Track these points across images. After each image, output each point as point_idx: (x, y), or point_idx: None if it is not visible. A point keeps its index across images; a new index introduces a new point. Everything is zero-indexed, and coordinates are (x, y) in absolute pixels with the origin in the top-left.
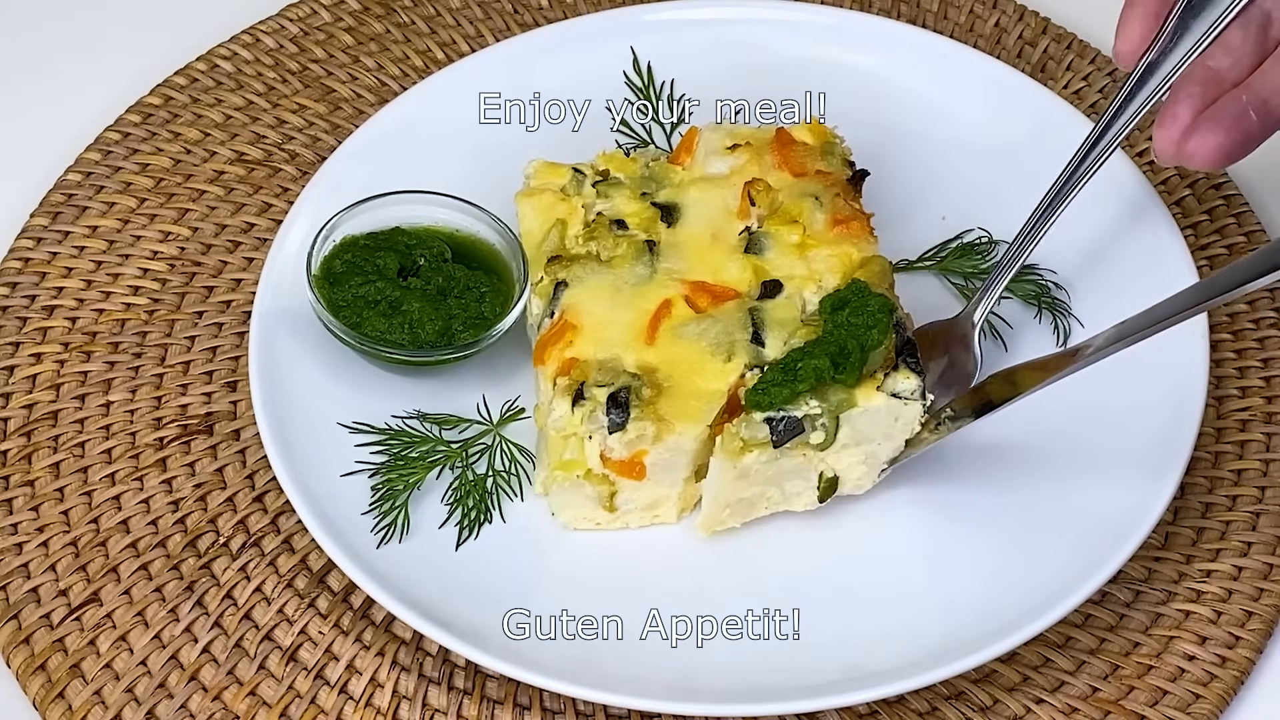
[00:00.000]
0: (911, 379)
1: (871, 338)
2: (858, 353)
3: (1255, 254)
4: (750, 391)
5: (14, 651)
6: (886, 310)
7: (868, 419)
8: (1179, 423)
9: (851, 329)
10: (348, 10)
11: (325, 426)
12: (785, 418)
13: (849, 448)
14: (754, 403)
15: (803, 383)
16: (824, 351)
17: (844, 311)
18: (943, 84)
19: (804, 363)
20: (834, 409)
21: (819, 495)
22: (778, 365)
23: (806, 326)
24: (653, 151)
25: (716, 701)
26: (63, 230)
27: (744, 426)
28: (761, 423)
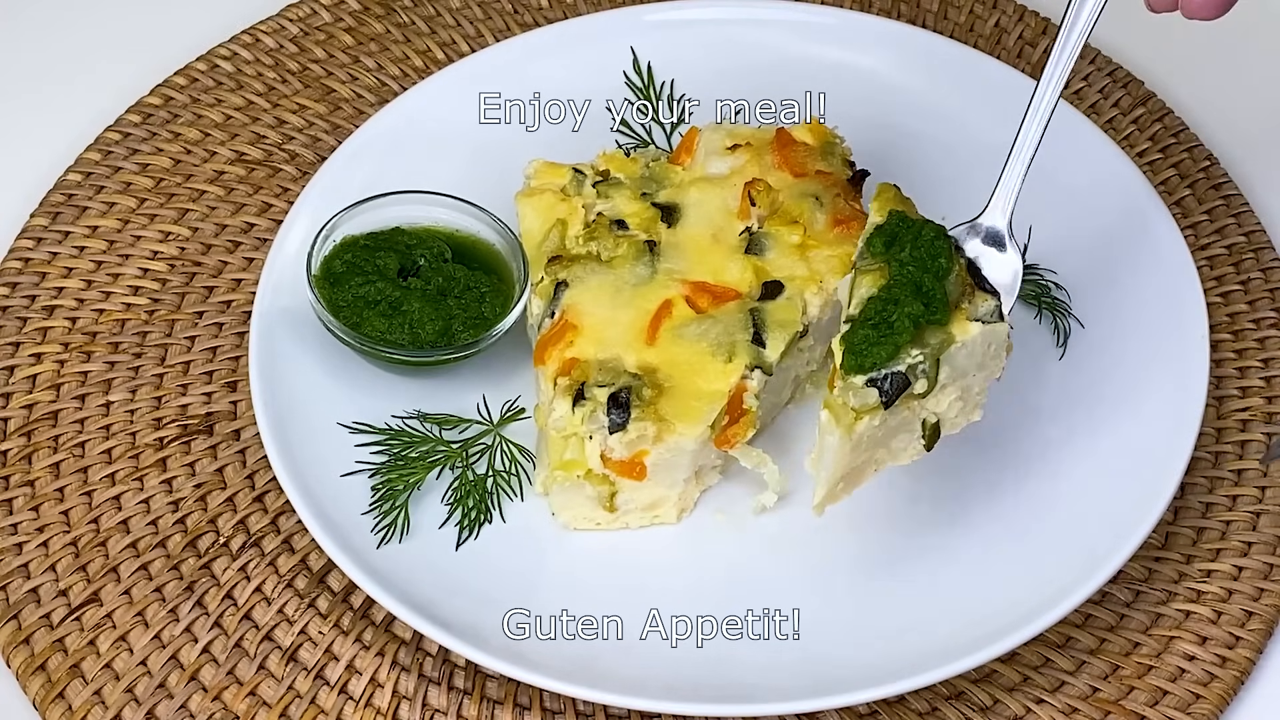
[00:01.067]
0: (989, 299)
1: (941, 267)
2: (939, 287)
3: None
4: (847, 355)
5: (14, 651)
6: (943, 235)
7: (965, 353)
8: (1179, 423)
9: (919, 263)
10: (348, 10)
11: (325, 426)
12: (889, 375)
13: (946, 387)
14: (855, 366)
15: (902, 334)
16: (907, 294)
17: (901, 248)
18: (943, 84)
19: (896, 313)
20: (935, 352)
21: (925, 444)
22: (864, 322)
23: (868, 272)
24: (653, 151)
25: (717, 701)
26: (63, 230)
27: (851, 394)
28: (865, 386)
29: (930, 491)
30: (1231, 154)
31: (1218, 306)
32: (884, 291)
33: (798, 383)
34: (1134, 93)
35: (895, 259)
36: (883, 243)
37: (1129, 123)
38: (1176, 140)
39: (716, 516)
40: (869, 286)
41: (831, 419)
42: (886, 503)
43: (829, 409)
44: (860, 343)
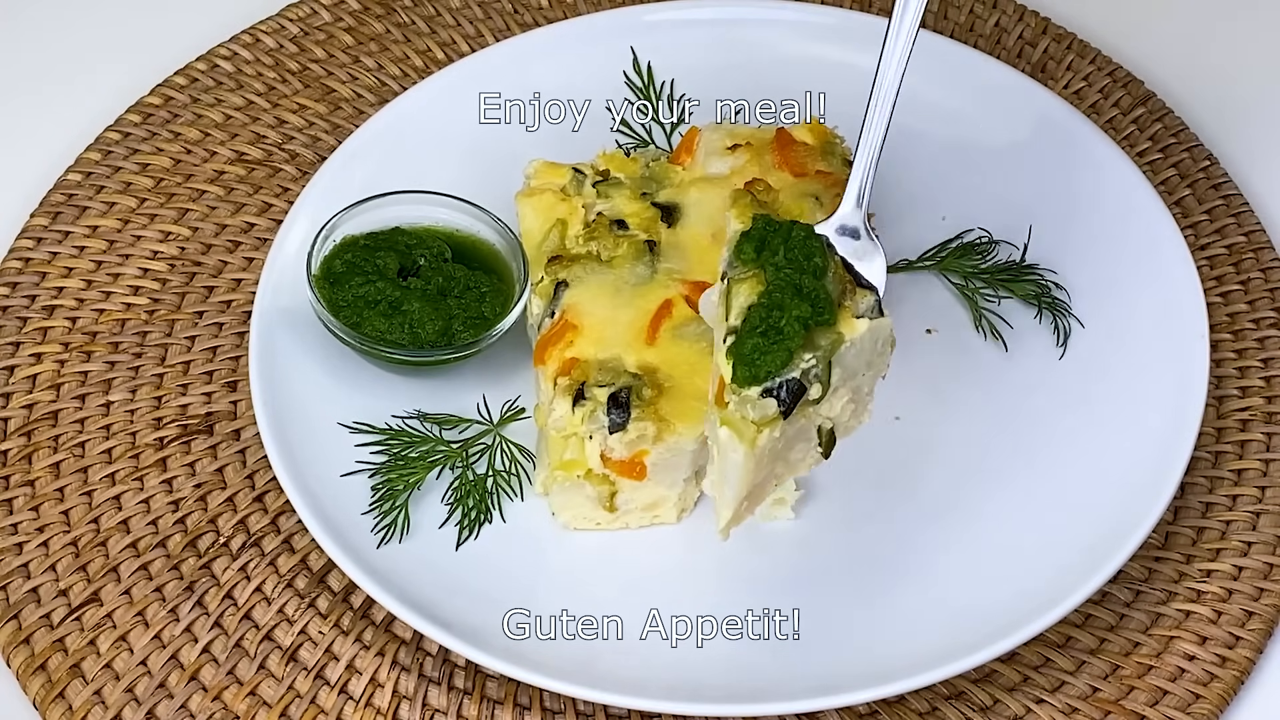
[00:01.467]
0: (869, 295)
1: (818, 266)
2: (821, 287)
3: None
4: (738, 366)
5: (14, 651)
6: (813, 232)
7: (854, 352)
8: (1179, 423)
9: (795, 264)
10: (348, 10)
11: (325, 426)
12: (784, 382)
13: (839, 390)
14: (749, 377)
15: (793, 339)
16: (790, 297)
17: (774, 252)
18: (943, 84)
19: (784, 317)
20: (826, 354)
21: (823, 452)
22: (751, 330)
23: (743, 281)
24: (653, 151)
25: (716, 701)
26: (63, 230)
27: (749, 407)
28: (761, 397)
29: (930, 492)
30: (1231, 154)
31: (1218, 306)
32: (765, 298)
33: None
34: (1134, 93)
35: (769, 263)
36: (753, 248)
37: (1129, 123)
38: (1176, 140)
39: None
40: (746, 295)
41: (733, 435)
42: (886, 503)
43: (729, 425)
44: (751, 352)
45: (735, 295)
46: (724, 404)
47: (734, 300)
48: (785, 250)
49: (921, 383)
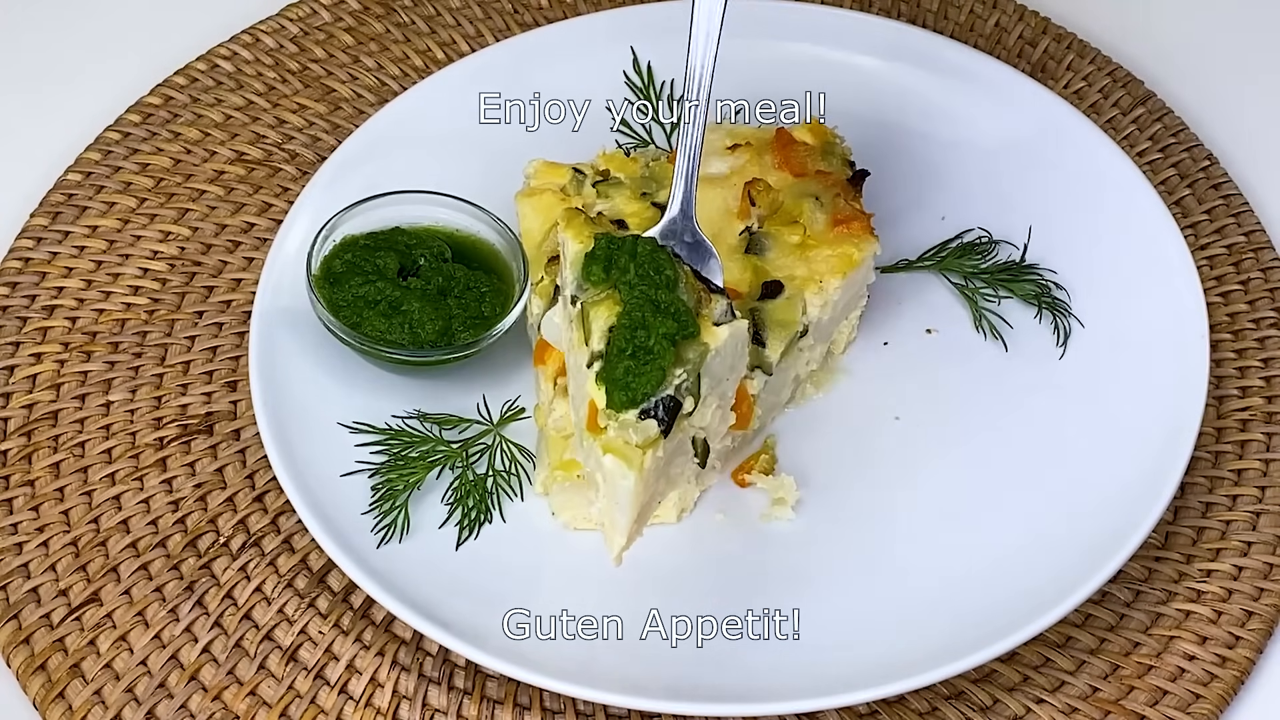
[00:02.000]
0: (720, 300)
1: (669, 278)
2: (677, 300)
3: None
4: (613, 392)
5: (14, 651)
6: (658, 244)
7: (719, 359)
8: (1179, 423)
9: (647, 279)
10: (348, 10)
11: (325, 426)
12: (659, 401)
13: (707, 399)
14: (626, 401)
15: (664, 356)
16: (651, 314)
17: (624, 270)
18: (943, 84)
19: (651, 335)
20: (695, 366)
21: (700, 462)
22: (619, 354)
23: (598, 304)
24: (653, 151)
25: (716, 701)
26: (63, 230)
27: (631, 431)
28: (640, 419)
29: (930, 492)
30: (1231, 154)
31: (1218, 306)
32: (625, 318)
33: (798, 383)
34: (1134, 93)
35: (621, 281)
36: (601, 268)
37: (1129, 123)
38: (1176, 140)
39: (716, 516)
40: (605, 317)
41: (620, 462)
42: (886, 503)
43: (613, 453)
44: (624, 375)
45: (593, 318)
46: (598, 430)
47: (592, 323)
48: (635, 267)
49: (921, 383)
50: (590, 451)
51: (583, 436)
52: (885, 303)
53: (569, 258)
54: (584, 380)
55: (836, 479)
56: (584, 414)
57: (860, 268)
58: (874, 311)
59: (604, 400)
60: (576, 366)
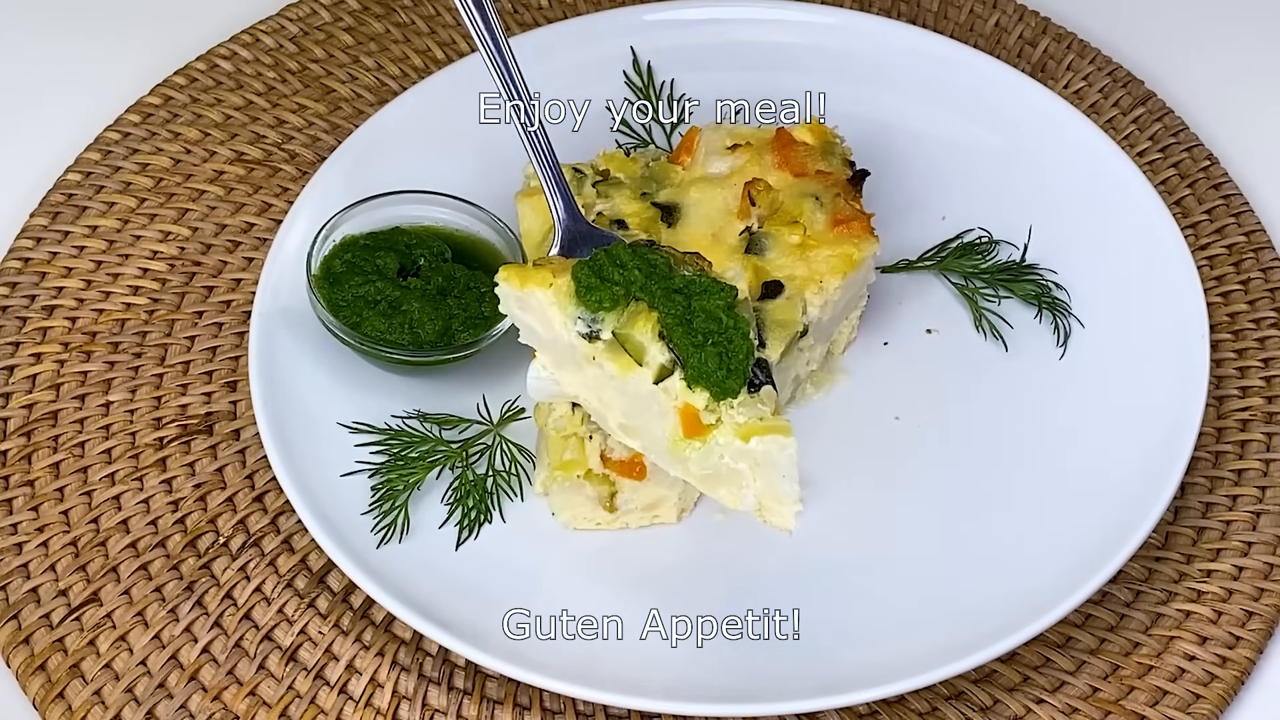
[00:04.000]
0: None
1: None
2: (688, 278)
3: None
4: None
5: (14, 651)
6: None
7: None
8: (1179, 423)
9: (651, 273)
10: (348, 10)
11: (325, 426)
12: (754, 368)
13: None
14: (737, 386)
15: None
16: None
17: (626, 283)
18: (942, 84)
19: (711, 316)
20: (751, 318)
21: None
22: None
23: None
24: (653, 151)
25: (716, 701)
26: (63, 230)
27: (758, 406)
28: (750, 393)
29: (930, 491)
30: (1231, 154)
31: (1218, 306)
32: (669, 316)
33: (798, 382)
34: (1134, 93)
35: (634, 295)
36: (605, 293)
37: (1129, 123)
38: (1176, 140)
39: (716, 516)
40: (648, 329)
41: (776, 435)
42: (886, 503)
43: (760, 433)
44: (719, 364)
45: (633, 337)
46: (703, 431)
47: (637, 342)
48: (631, 269)
49: (921, 383)
50: (705, 455)
51: (675, 451)
52: (885, 303)
53: (547, 304)
54: (650, 400)
55: (836, 479)
56: (665, 432)
57: (860, 268)
58: (874, 311)
59: (705, 399)
60: (631, 394)
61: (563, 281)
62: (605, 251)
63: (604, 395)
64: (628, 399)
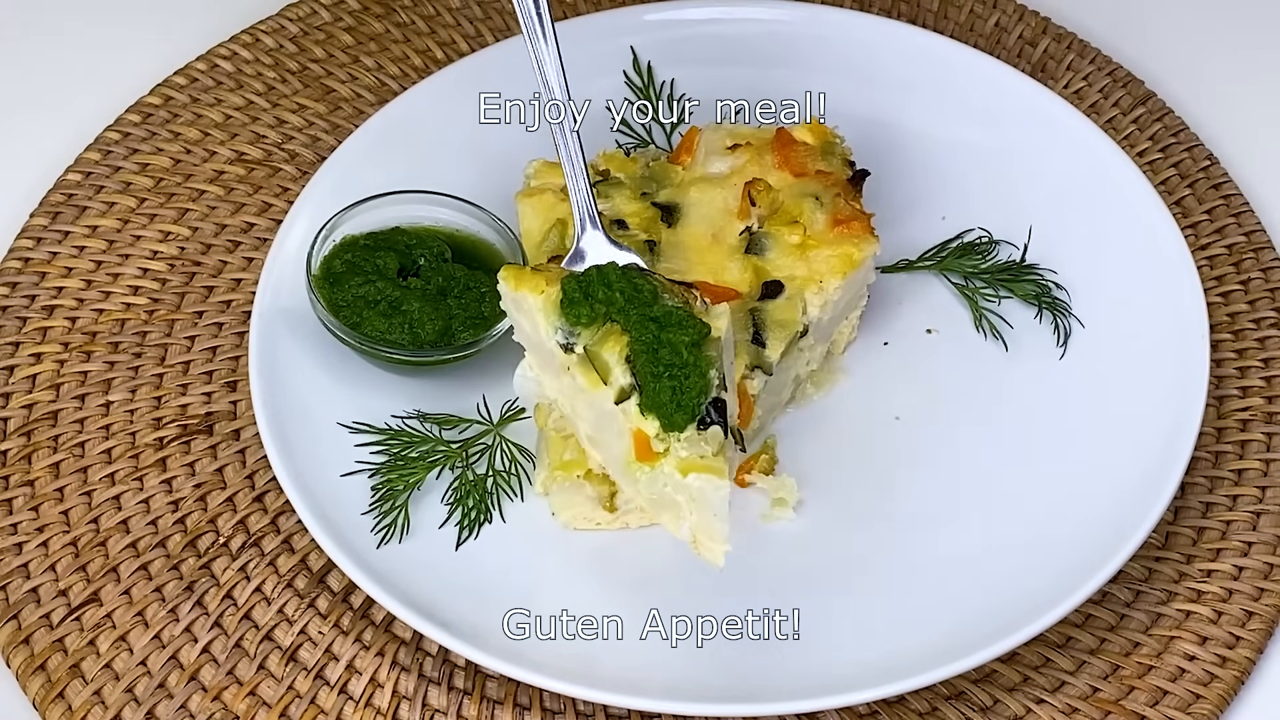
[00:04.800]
0: (686, 290)
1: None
2: (674, 308)
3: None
4: (670, 415)
5: (14, 651)
6: (622, 265)
7: (725, 344)
8: (1179, 423)
9: (634, 299)
10: (348, 10)
11: (325, 426)
12: (707, 406)
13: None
14: (686, 420)
15: (700, 364)
16: (660, 332)
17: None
18: (943, 84)
19: (676, 350)
20: (718, 359)
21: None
22: (656, 377)
23: (604, 340)
24: (653, 151)
25: (716, 701)
26: (63, 230)
27: (701, 444)
28: (699, 431)
29: (930, 491)
30: (1231, 154)
31: (1218, 306)
32: (638, 343)
33: (798, 383)
34: (1134, 93)
35: (613, 311)
36: (584, 309)
37: (1129, 123)
38: (1176, 140)
39: None
40: (617, 350)
41: (711, 476)
42: (886, 503)
43: (697, 470)
44: (672, 396)
45: (601, 356)
46: (653, 458)
47: (605, 361)
48: (617, 291)
49: (921, 383)
50: (652, 481)
51: (628, 471)
52: (885, 303)
53: (535, 309)
54: (613, 418)
55: (837, 479)
56: (621, 450)
57: (860, 268)
58: (874, 311)
59: (655, 428)
60: (597, 409)
61: (553, 291)
62: (598, 269)
63: (575, 405)
64: (594, 413)
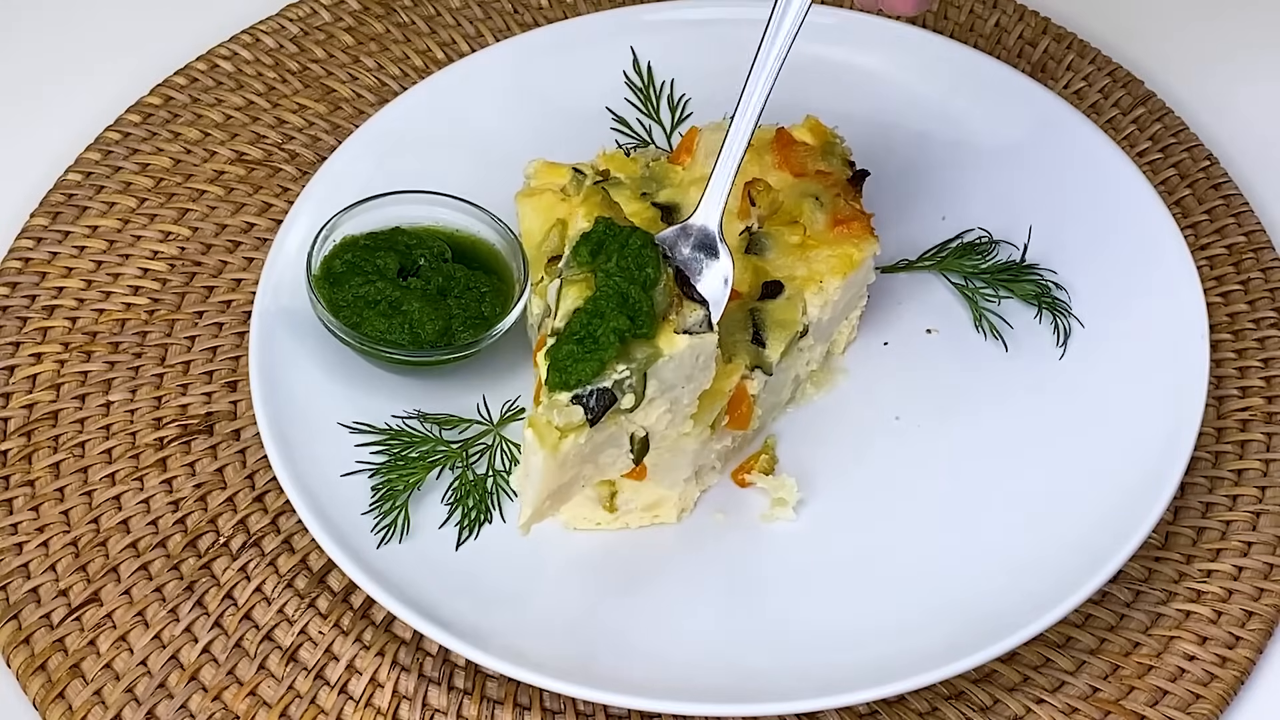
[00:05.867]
0: (698, 309)
1: (648, 277)
2: (645, 299)
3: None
4: (551, 371)
5: (14, 651)
6: (650, 243)
7: (673, 366)
8: (1179, 423)
9: (626, 273)
10: (348, 10)
11: (325, 426)
12: (595, 391)
13: (655, 400)
14: (560, 383)
15: (607, 350)
16: (613, 308)
17: (607, 257)
18: (943, 84)
19: (600, 327)
20: (641, 366)
21: (634, 458)
22: (570, 336)
23: (574, 283)
24: (653, 151)
25: (716, 701)
26: (63, 230)
27: (555, 413)
28: (570, 404)
29: (930, 491)
30: (1231, 154)
31: (1218, 306)
32: (589, 304)
33: (798, 383)
34: (1134, 93)
35: (601, 269)
36: (588, 251)
37: (1129, 123)
38: (1176, 140)
39: (716, 516)
40: (574, 298)
41: (535, 438)
42: (886, 503)
43: (533, 428)
44: (565, 359)
45: (564, 297)
46: (538, 402)
47: (562, 302)
48: (619, 258)
49: (921, 383)
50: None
51: (531, 404)
52: (885, 303)
53: (570, 235)
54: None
55: (837, 479)
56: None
57: (860, 268)
58: (874, 311)
59: (543, 374)
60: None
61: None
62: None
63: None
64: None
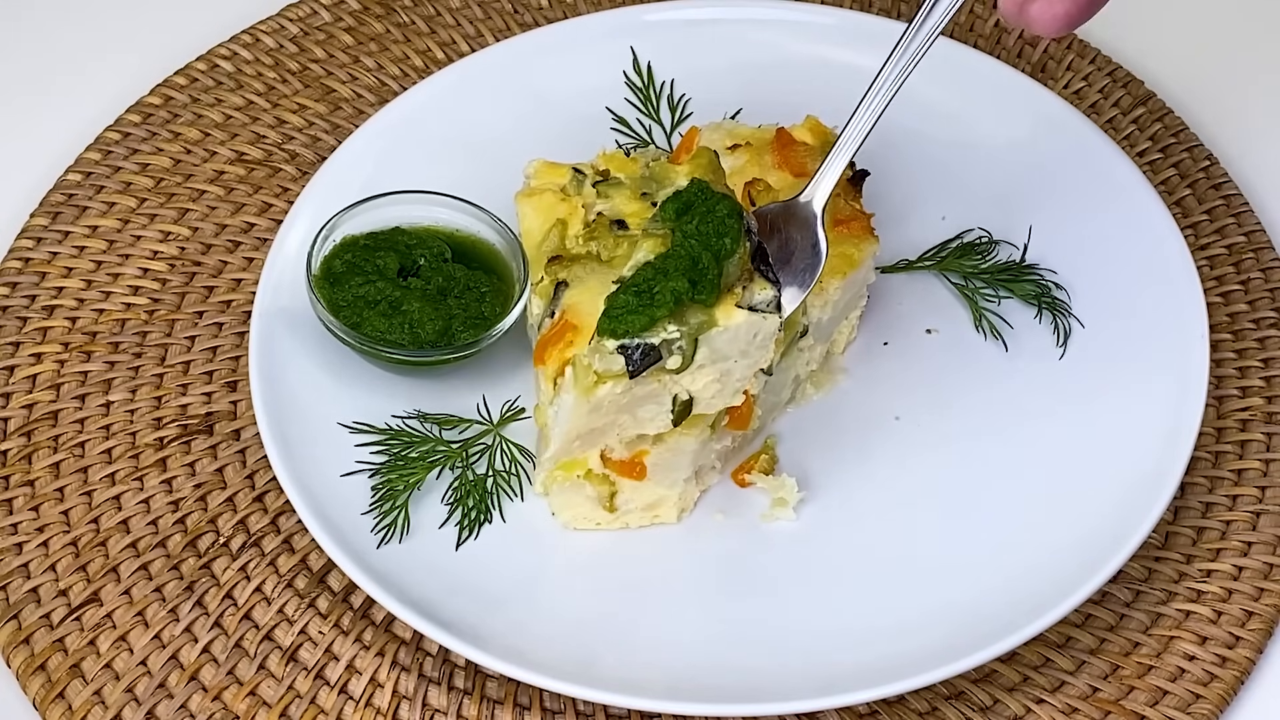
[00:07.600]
0: (768, 289)
1: (725, 247)
2: (714, 267)
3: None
4: (603, 317)
5: (14, 651)
6: (736, 214)
7: (727, 338)
8: (1179, 423)
9: (703, 239)
10: (348, 10)
11: (325, 426)
12: (641, 345)
13: (704, 368)
14: (608, 330)
15: (660, 308)
16: (679, 269)
17: (690, 219)
18: (943, 84)
19: (660, 285)
20: (693, 331)
21: (674, 419)
22: (629, 288)
23: (652, 237)
24: (653, 151)
25: (716, 701)
26: (63, 230)
27: (597, 357)
28: (615, 352)
29: (930, 492)
30: (1231, 154)
31: (1218, 306)
32: (658, 260)
33: (798, 383)
34: (1134, 93)
35: (681, 229)
36: (675, 210)
37: (1129, 123)
38: (1176, 140)
39: (716, 516)
40: (648, 251)
41: (574, 379)
42: (886, 503)
43: (574, 367)
44: (619, 308)
45: (638, 249)
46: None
47: (635, 254)
48: (700, 221)
49: (921, 383)
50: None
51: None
52: (885, 303)
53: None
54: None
55: (837, 479)
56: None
57: (860, 268)
58: (874, 311)
59: (596, 320)
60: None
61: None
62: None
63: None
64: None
